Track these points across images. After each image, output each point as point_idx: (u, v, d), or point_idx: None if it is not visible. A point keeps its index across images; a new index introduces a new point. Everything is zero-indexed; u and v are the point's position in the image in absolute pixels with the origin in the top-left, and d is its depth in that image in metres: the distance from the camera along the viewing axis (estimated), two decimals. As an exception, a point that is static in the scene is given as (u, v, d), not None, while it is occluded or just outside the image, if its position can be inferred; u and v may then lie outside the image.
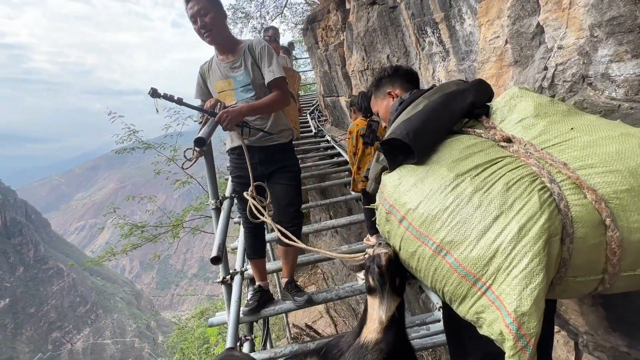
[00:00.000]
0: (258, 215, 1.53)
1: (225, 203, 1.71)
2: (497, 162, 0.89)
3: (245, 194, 1.66)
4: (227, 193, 1.94)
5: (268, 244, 2.91)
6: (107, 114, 8.29)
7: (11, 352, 49.07)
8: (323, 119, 7.10)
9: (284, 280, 1.96)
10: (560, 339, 1.55)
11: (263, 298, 1.88)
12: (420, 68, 2.66)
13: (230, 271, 1.77)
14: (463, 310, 0.85)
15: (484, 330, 0.81)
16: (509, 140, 0.95)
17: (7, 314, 52.60)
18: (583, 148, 0.87)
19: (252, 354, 1.65)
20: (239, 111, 1.58)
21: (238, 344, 1.64)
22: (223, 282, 1.71)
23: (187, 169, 1.54)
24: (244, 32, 11.87)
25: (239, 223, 2.86)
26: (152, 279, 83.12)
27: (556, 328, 1.57)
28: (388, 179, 1.04)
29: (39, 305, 55.52)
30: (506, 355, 0.75)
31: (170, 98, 1.44)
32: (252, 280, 2.15)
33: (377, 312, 1.04)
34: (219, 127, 1.55)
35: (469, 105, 1.05)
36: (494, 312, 0.77)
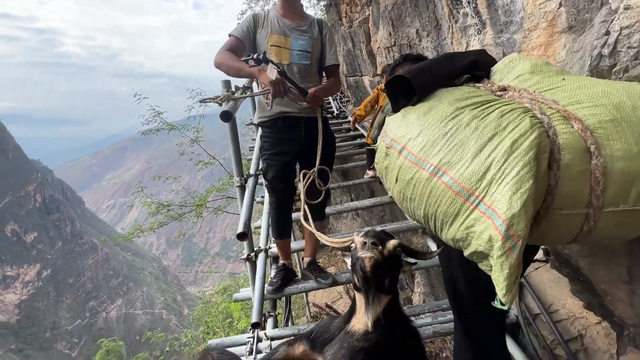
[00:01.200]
0: (305, 223, 1.43)
1: (250, 181, 1.69)
2: (493, 101, 0.95)
3: (301, 173, 1.65)
4: (252, 170, 1.92)
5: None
6: (133, 96, 8.50)
7: (54, 317, 53.77)
8: (345, 99, 6.93)
9: (306, 260, 1.96)
10: (601, 330, 1.46)
11: (287, 276, 1.89)
12: (452, 43, 2.49)
13: (255, 249, 1.77)
14: (452, 231, 0.88)
15: (472, 247, 0.84)
16: (504, 89, 1.01)
17: (50, 283, 57.33)
18: (572, 90, 0.93)
19: (275, 330, 1.67)
20: (322, 94, 1.69)
21: (262, 319, 1.66)
22: (248, 259, 1.72)
23: (207, 102, 1.52)
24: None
25: (261, 203, 2.87)
26: (177, 256, 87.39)
27: (598, 319, 1.48)
28: (391, 118, 1.11)
29: (76, 277, 60.01)
30: (494, 257, 0.79)
31: (277, 65, 1.51)
32: (275, 259, 2.16)
33: (363, 310, 0.97)
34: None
35: (470, 63, 1.11)
36: (484, 222, 0.81)
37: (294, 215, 2.40)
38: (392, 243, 0.92)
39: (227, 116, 1.32)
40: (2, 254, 56.43)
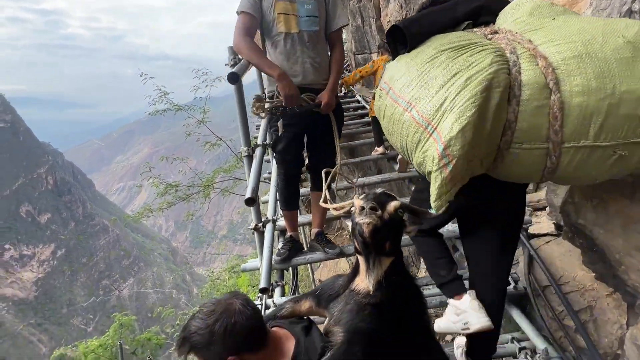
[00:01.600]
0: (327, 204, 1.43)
1: (258, 151, 1.67)
2: (475, 43, 0.98)
3: (323, 172, 1.64)
4: (260, 141, 1.90)
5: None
6: (139, 76, 8.44)
7: (69, 294, 56.01)
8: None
9: (314, 231, 1.97)
10: (611, 301, 1.44)
11: (294, 248, 1.90)
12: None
13: (262, 219, 1.78)
14: (416, 157, 1.00)
15: (426, 168, 0.97)
16: (495, 32, 1.04)
17: (64, 262, 59.44)
18: (552, 29, 0.95)
19: (283, 298, 1.70)
20: (333, 96, 1.69)
21: (270, 287, 1.68)
22: (256, 229, 1.73)
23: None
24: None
25: (268, 180, 2.87)
26: (185, 238, 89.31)
27: (608, 291, 1.46)
28: (389, 64, 1.21)
29: (89, 256, 62.01)
30: (432, 172, 0.93)
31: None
32: (282, 232, 2.17)
33: (364, 273, 0.96)
34: None
35: (474, 9, 1.12)
36: (433, 145, 0.93)
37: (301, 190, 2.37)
38: (392, 205, 0.88)
39: (234, 78, 1.29)
40: (18, 233, 58.37)
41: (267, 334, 0.94)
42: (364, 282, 0.96)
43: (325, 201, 1.38)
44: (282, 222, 2.22)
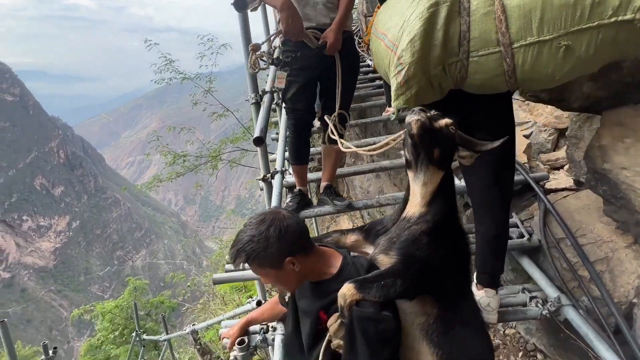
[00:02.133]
0: (334, 137, 1.45)
1: (266, 98, 1.61)
2: None
3: (326, 117, 1.65)
4: (268, 87, 1.83)
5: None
6: (144, 42, 8.25)
7: (86, 263, 58.64)
8: (364, 44, 6.50)
9: (323, 185, 1.93)
10: (630, 252, 1.40)
11: (303, 201, 1.88)
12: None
13: (271, 170, 1.74)
14: (392, 80, 1.12)
15: (392, 82, 1.12)
16: None
17: (79, 233, 61.76)
18: None
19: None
20: (339, 37, 1.60)
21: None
22: (264, 179, 1.70)
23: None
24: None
25: (276, 140, 2.81)
26: (195, 212, 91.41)
27: (628, 242, 1.41)
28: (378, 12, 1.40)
29: (103, 228, 64.21)
30: (391, 78, 1.12)
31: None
32: (290, 189, 2.14)
33: (416, 186, 1.00)
34: None
35: None
36: (394, 58, 1.10)
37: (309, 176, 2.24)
38: (445, 120, 0.94)
39: (240, 5, 1.20)
40: (34, 205, 60.39)
41: (313, 242, 0.99)
42: (415, 205, 0.99)
43: (332, 136, 1.38)
44: (290, 178, 2.19)
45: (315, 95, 1.78)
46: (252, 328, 1.36)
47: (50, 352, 3.55)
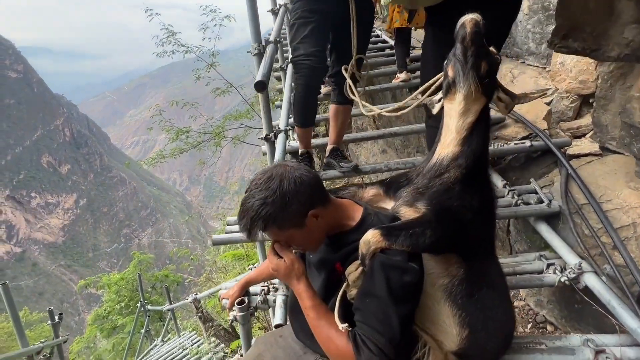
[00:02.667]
0: (351, 93, 1.40)
1: (269, 48, 1.48)
2: None
3: (343, 69, 1.55)
4: (273, 37, 1.69)
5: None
6: (145, 12, 7.98)
7: (94, 240, 60.07)
8: (375, 15, 6.19)
9: (329, 148, 1.83)
10: (660, 217, 1.29)
11: (308, 163, 1.78)
12: None
13: (274, 129, 1.64)
14: None
15: None
16: None
17: (87, 211, 62.89)
18: None
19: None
20: None
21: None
22: (266, 138, 1.60)
23: None
24: None
25: (279, 107, 2.68)
26: (199, 192, 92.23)
27: (659, 206, 1.30)
28: None
29: (109, 206, 65.26)
30: None
31: None
32: (292, 154, 2.05)
33: (452, 117, 0.91)
34: None
35: None
36: None
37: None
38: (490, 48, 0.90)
39: None
40: (42, 182, 61.27)
41: (328, 193, 0.90)
42: (448, 145, 0.92)
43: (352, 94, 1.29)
44: (294, 143, 2.08)
45: (327, 43, 1.65)
46: (252, 289, 1.30)
47: (56, 317, 3.61)
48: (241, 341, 1.27)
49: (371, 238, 0.77)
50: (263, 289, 1.28)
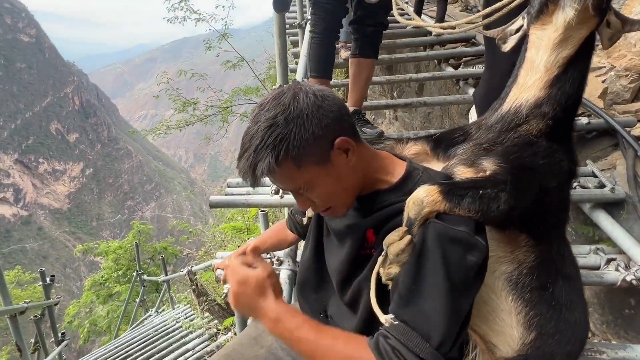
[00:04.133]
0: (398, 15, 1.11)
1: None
2: None
3: None
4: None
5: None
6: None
7: (98, 210, 61.01)
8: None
9: (350, 110, 1.59)
10: None
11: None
12: None
13: (289, 81, 1.41)
14: None
15: None
16: None
17: (92, 180, 63.63)
18: None
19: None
20: None
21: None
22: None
23: None
24: None
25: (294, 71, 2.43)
26: (204, 171, 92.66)
27: None
28: None
29: (115, 178, 65.94)
30: None
31: None
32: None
33: (541, 50, 0.68)
34: None
35: None
36: None
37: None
38: None
39: None
40: (50, 149, 61.84)
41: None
42: (530, 88, 0.69)
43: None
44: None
45: None
46: (252, 260, 1.09)
47: (48, 279, 3.49)
48: (235, 319, 1.07)
49: (425, 196, 0.54)
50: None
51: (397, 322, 0.49)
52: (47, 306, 3.33)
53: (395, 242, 0.54)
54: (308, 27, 2.07)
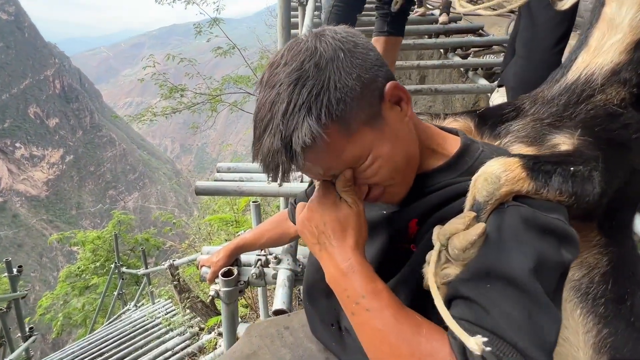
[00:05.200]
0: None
1: None
2: None
3: None
4: None
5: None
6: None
7: (78, 198, 59.08)
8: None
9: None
10: None
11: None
12: None
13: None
14: None
15: None
16: None
17: (73, 168, 61.47)
18: None
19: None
20: None
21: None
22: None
23: None
24: None
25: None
26: (190, 162, 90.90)
27: None
28: None
29: (97, 166, 63.90)
30: None
31: None
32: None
33: (624, 4, 0.53)
34: None
35: None
36: None
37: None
38: None
39: None
40: (28, 134, 59.25)
41: None
42: (606, 52, 0.55)
43: None
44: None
45: None
46: (244, 257, 0.93)
47: (15, 270, 3.22)
48: (222, 325, 0.91)
49: (503, 171, 0.40)
50: (260, 259, 0.91)
51: (489, 349, 0.34)
52: (13, 299, 3.08)
53: (460, 232, 0.39)
54: (310, 5, 1.90)
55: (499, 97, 1.28)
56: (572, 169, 0.41)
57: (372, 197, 0.46)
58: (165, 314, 3.35)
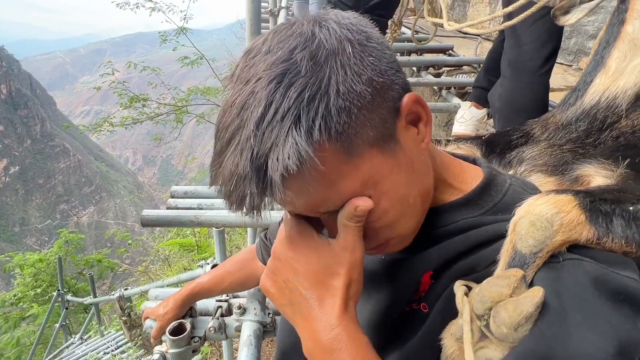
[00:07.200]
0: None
1: None
2: None
3: None
4: None
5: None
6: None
7: (23, 214, 53.62)
8: None
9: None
10: None
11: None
12: None
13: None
14: None
15: None
16: None
17: (18, 180, 55.99)
18: None
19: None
20: None
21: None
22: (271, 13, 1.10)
23: None
24: None
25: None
26: (153, 175, 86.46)
27: None
28: None
29: (46, 178, 58.75)
30: None
31: None
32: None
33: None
34: None
35: None
36: None
37: None
38: None
39: None
40: (-36, 141, 53.39)
41: None
42: (629, 74, 0.49)
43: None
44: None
45: None
46: (200, 304, 0.76)
47: None
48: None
49: (554, 213, 0.30)
50: (220, 307, 0.74)
51: None
52: None
53: (507, 299, 0.27)
54: (282, 15, 1.83)
55: (465, 112, 1.30)
56: (630, 208, 0.32)
57: (379, 248, 0.35)
58: (116, 349, 2.97)
